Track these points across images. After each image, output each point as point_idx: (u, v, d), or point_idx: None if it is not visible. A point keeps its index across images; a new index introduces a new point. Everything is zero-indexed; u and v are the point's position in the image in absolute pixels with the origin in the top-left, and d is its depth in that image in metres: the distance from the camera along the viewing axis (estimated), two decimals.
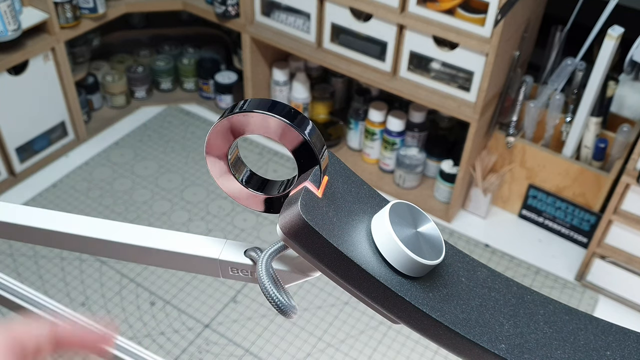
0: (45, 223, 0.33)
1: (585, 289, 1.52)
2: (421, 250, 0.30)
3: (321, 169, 0.31)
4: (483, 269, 0.34)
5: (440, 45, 1.43)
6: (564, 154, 1.53)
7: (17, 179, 1.70)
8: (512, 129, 1.55)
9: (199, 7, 1.77)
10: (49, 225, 0.33)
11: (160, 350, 1.33)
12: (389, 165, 1.77)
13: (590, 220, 1.57)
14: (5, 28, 1.47)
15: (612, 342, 0.33)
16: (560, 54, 1.53)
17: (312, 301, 1.45)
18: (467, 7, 1.36)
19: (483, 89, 1.40)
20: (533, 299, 0.34)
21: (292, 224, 0.29)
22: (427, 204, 1.71)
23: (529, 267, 1.56)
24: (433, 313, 0.30)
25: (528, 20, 1.49)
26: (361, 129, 1.80)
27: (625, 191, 1.37)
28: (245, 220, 1.63)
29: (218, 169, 0.33)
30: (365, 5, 1.45)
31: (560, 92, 1.48)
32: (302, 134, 0.30)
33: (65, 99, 1.74)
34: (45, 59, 1.64)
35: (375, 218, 0.31)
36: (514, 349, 0.31)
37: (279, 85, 1.84)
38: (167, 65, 2.01)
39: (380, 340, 1.39)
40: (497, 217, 1.70)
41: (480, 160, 1.60)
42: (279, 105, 0.30)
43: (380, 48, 1.52)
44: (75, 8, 1.63)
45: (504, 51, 1.39)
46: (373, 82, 1.55)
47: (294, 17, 1.63)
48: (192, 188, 1.72)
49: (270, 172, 1.79)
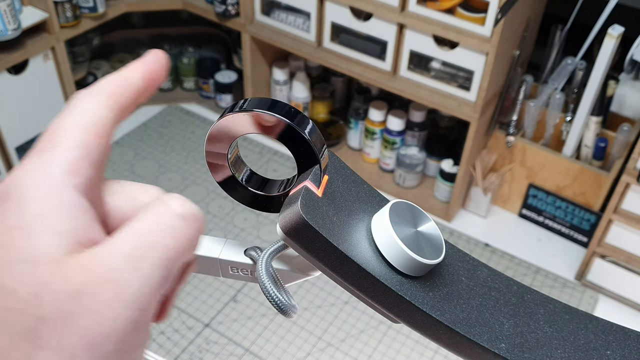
0: None
1: (586, 289, 1.52)
2: (421, 249, 0.30)
3: (321, 168, 0.31)
4: (483, 269, 0.34)
5: (441, 44, 1.43)
6: (564, 153, 1.53)
7: None
8: (512, 128, 1.55)
9: (199, 6, 1.77)
10: None
11: (161, 350, 1.33)
12: (389, 164, 1.77)
13: (591, 220, 1.57)
14: (5, 27, 1.47)
15: (612, 341, 0.33)
16: (561, 53, 1.53)
17: (312, 300, 1.45)
18: (467, 6, 1.36)
19: (483, 88, 1.40)
20: (533, 298, 0.34)
21: (292, 223, 0.29)
22: (427, 203, 1.71)
23: (529, 266, 1.56)
24: (433, 312, 0.30)
25: (528, 20, 1.49)
26: (361, 129, 1.80)
27: (625, 190, 1.37)
28: (245, 220, 1.63)
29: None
30: (365, 5, 1.45)
31: (560, 91, 1.48)
32: (302, 133, 0.29)
33: (65, 99, 1.74)
34: (45, 58, 1.63)
35: (375, 217, 0.31)
36: (514, 348, 0.31)
37: (279, 84, 1.84)
38: None
39: (381, 340, 1.39)
40: (497, 216, 1.70)
41: (480, 159, 1.60)
42: (279, 104, 0.30)
43: (380, 47, 1.52)
44: (75, 7, 1.63)
45: (504, 50, 1.39)
46: (373, 81, 1.55)
47: (294, 17, 1.63)
48: (192, 187, 1.72)
49: (270, 172, 1.79)
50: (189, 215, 0.24)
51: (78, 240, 0.22)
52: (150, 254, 0.22)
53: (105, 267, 0.21)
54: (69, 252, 0.21)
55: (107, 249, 0.22)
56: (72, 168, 0.23)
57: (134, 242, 0.22)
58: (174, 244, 0.23)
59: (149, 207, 0.24)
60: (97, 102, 0.25)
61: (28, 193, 0.22)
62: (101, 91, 0.25)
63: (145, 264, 0.22)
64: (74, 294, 0.21)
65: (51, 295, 0.20)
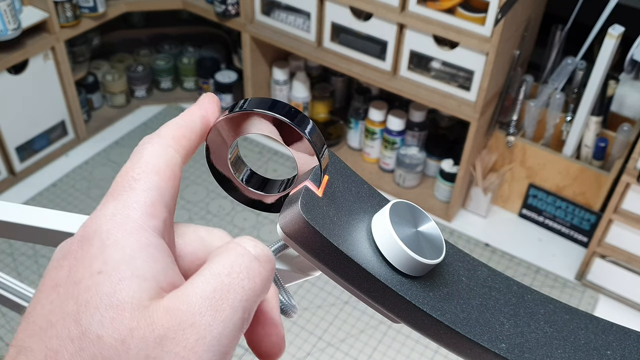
0: (45, 222, 0.33)
1: (586, 288, 1.52)
2: (421, 249, 0.30)
3: (321, 168, 0.31)
4: (483, 268, 0.34)
5: (441, 44, 1.43)
6: (564, 153, 1.53)
7: (17, 178, 1.70)
8: (512, 128, 1.55)
9: (199, 6, 1.77)
10: (49, 224, 0.33)
11: None
12: (389, 164, 1.77)
13: (591, 220, 1.57)
14: (5, 27, 1.47)
15: (612, 341, 0.33)
16: (561, 53, 1.53)
17: (312, 300, 1.45)
18: (467, 6, 1.36)
19: (483, 88, 1.40)
20: (533, 298, 0.34)
21: (292, 223, 0.29)
22: (427, 203, 1.71)
23: (529, 266, 1.56)
24: (433, 312, 0.30)
25: (528, 19, 1.49)
26: (361, 128, 1.80)
27: (625, 190, 1.37)
28: (245, 220, 1.63)
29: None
30: (365, 5, 1.45)
31: (560, 91, 1.48)
32: (302, 133, 0.29)
33: (65, 98, 1.74)
34: (45, 58, 1.63)
35: (375, 217, 0.31)
36: (514, 348, 0.31)
37: (279, 84, 1.84)
38: (167, 64, 2.01)
39: (381, 340, 1.39)
40: (497, 216, 1.70)
41: (480, 159, 1.59)
42: (279, 104, 0.30)
43: (380, 47, 1.52)
44: (75, 7, 1.63)
45: (504, 50, 1.39)
46: (373, 81, 1.55)
47: (294, 16, 1.63)
48: (192, 187, 1.72)
49: (270, 172, 1.79)
50: (263, 257, 0.24)
51: (160, 284, 0.22)
52: (229, 295, 0.22)
53: (188, 311, 0.21)
54: (152, 296, 0.22)
55: (188, 292, 0.22)
56: (150, 210, 0.23)
57: (213, 284, 0.22)
58: (250, 286, 0.23)
59: (224, 249, 0.24)
60: (165, 146, 0.25)
61: (109, 237, 0.22)
62: (167, 135, 0.26)
63: (226, 307, 0.22)
64: (159, 339, 0.21)
65: (137, 341, 0.20)
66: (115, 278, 0.21)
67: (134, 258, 0.22)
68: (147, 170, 0.24)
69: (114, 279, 0.21)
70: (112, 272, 0.21)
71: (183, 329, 0.21)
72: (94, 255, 0.22)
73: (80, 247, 0.22)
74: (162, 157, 0.25)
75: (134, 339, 0.20)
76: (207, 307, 0.22)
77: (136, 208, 0.23)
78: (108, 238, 0.22)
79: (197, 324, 0.21)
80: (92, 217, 0.23)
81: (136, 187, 0.24)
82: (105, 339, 0.20)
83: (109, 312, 0.21)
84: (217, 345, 0.21)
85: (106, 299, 0.21)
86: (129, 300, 0.21)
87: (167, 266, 0.23)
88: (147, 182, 0.24)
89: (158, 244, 0.23)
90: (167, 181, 0.24)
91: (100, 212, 0.23)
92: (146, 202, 0.23)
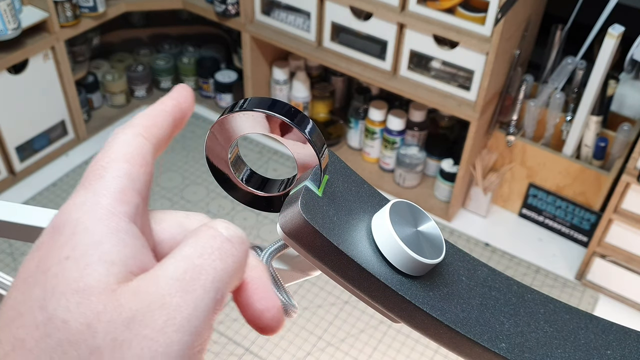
0: (46, 222, 0.33)
1: (586, 288, 1.52)
2: (422, 249, 0.30)
3: (321, 167, 0.31)
4: (483, 268, 0.34)
5: (441, 44, 1.43)
6: (564, 153, 1.53)
7: (17, 178, 1.70)
8: (512, 127, 1.55)
9: (199, 5, 1.77)
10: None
11: None
12: (389, 164, 1.77)
13: (591, 219, 1.57)
14: (5, 27, 1.47)
15: (612, 341, 0.33)
16: (561, 52, 1.53)
17: (313, 300, 1.45)
18: (467, 5, 1.36)
19: (483, 88, 1.40)
20: (533, 298, 0.34)
21: (292, 223, 0.29)
22: (427, 203, 1.71)
23: (529, 266, 1.56)
24: (433, 312, 0.30)
25: (528, 19, 1.49)
26: (361, 128, 1.80)
27: (625, 190, 1.37)
28: (245, 219, 1.63)
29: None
30: (365, 4, 1.45)
31: (560, 91, 1.48)
32: (302, 133, 0.29)
33: (65, 98, 1.74)
34: (45, 57, 1.63)
35: (375, 217, 0.31)
36: (514, 348, 0.31)
37: (279, 84, 1.84)
38: (167, 64, 2.00)
39: (381, 339, 1.39)
40: (497, 216, 1.70)
41: (480, 159, 1.59)
42: (279, 104, 0.30)
43: (380, 47, 1.52)
44: (75, 7, 1.63)
45: (504, 50, 1.39)
46: (373, 81, 1.55)
47: (294, 16, 1.63)
48: (192, 187, 1.72)
49: (270, 171, 1.79)
50: (236, 238, 0.24)
51: (129, 269, 0.22)
52: (200, 277, 0.22)
53: (157, 293, 0.21)
54: (121, 280, 0.21)
55: (158, 274, 0.22)
56: (120, 196, 0.23)
57: (183, 266, 0.22)
58: (222, 266, 0.23)
59: (196, 231, 0.24)
60: (135, 134, 0.26)
61: (79, 224, 0.22)
62: (138, 124, 0.26)
63: (197, 287, 0.22)
64: (126, 321, 0.20)
65: (104, 324, 0.20)
66: (82, 263, 0.21)
67: (102, 243, 0.22)
68: (117, 158, 0.24)
69: (80, 263, 0.21)
70: (80, 257, 0.21)
71: (152, 311, 0.21)
72: (63, 242, 0.22)
73: (51, 237, 0.22)
74: (132, 145, 0.25)
75: (100, 323, 0.20)
76: (177, 289, 0.21)
77: (106, 195, 0.23)
78: (77, 225, 0.22)
79: (167, 304, 0.21)
80: (63, 208, 0.23)
81: (105, 175, 0.24)
82: (71, 324, 0.20)
83: (74, 296, 0.20)
84: (187, 326, 0.21)
85: (73, 284, 0.21)
86: (95, 284, 0.21)
87: (137, 250, 0.23)
88: (117, 170, 0.24)
89: (128, 229, 0.23)
90: (138, 168, 0.24)
91: (70, 201, 0.23)
92: (116, 188, 0.23)
